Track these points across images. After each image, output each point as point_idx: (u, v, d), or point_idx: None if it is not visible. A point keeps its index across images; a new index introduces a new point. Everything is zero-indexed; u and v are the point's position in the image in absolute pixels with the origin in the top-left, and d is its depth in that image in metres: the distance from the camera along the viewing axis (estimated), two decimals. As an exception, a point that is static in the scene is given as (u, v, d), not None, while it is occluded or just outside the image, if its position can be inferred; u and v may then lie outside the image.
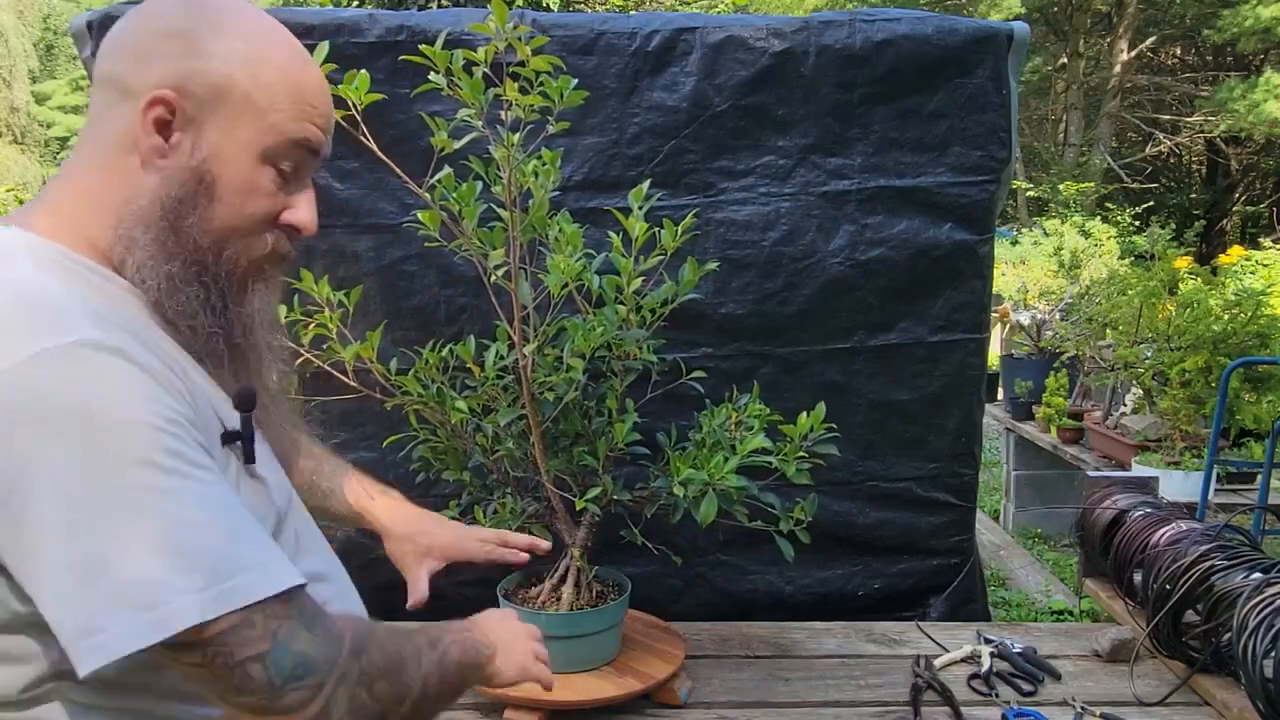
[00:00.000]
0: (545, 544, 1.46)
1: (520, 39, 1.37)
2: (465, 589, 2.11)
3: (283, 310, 1.46)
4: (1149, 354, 3.64)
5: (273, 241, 0.88)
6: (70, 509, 0.66)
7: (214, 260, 0.83)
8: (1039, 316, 5.11)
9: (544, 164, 1.53)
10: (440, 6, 6.40)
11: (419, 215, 1.55)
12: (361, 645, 0.79)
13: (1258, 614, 1.43)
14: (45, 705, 0.74)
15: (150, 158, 0.81)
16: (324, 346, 1.61)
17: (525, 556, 1.45)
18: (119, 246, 0.81)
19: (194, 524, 0.70)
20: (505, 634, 1.04)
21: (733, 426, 1.64)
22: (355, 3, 6.97)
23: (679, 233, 1.63)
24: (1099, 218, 8.99)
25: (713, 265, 1.78)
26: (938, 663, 1.74)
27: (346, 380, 1.61)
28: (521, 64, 1.40)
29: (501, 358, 1.68)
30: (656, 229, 1.64)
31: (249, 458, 0.84)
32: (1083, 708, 1.58)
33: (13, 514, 0.67)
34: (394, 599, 1.33)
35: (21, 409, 0.66)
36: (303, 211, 0.89)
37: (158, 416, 0.71)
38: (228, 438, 0.82)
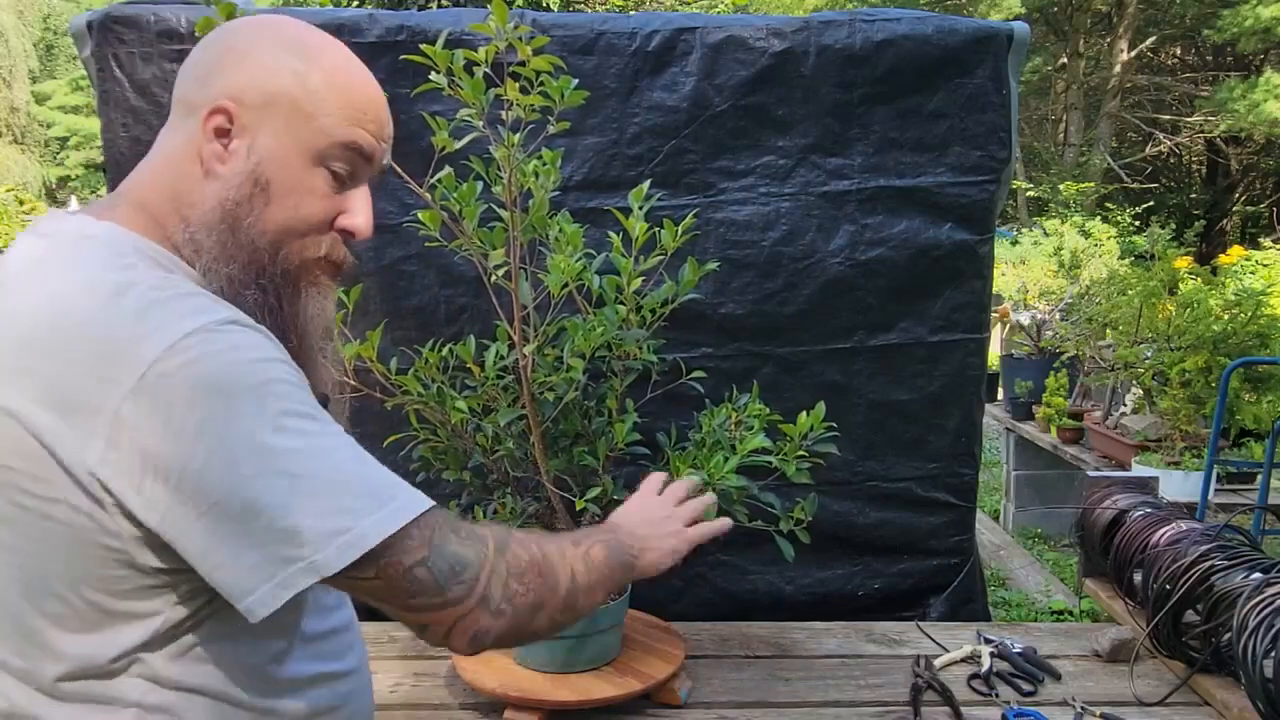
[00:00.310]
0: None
1: (521, 39, 1.37)
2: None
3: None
4: (1149, 354, 3.64)
5: (327, 245, 0.91)
6: (254, 458, 0.74)
7: (270, 260, 0.87)
8: (1039, 316, 5.11)
9: (544, 164, 1.53)
10: (440, 6, 6.40)
11: (419, 215, 1.55)
12: (505, 544, 0.88)
13: (1258, 614, 1.43)
14: (125, 678, 0.79)
15: (211, 164, 0.86)
16: (324, 346, 1.61)
17: None
18: (187, 249, 0.86)
19: (351, 459, 0.80)
20: (646, 527, 1.11)
21: (733, 426, 1.64)
22: (355, 3, 6.97)
23: (679, 233, 1.63)
24: (1099, 218, 9.00)
25: (713, 265, 1.78)
26: (938, 663, 1.74)
27: (347, 379, 1.61)
28: (522, 64, 1.40)
29: (501, 358, 1.67)
30: (656, 229, 1.64)
31: None
32: (1083, 708, 1.58)
33: (195, 471, 0.72)
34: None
35: (194, 378, 0.73)
36: (358, 215, 0.92)
37: (297, 377, 0.80)
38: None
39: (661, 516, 1.17)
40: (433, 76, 1.41)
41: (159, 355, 0.72)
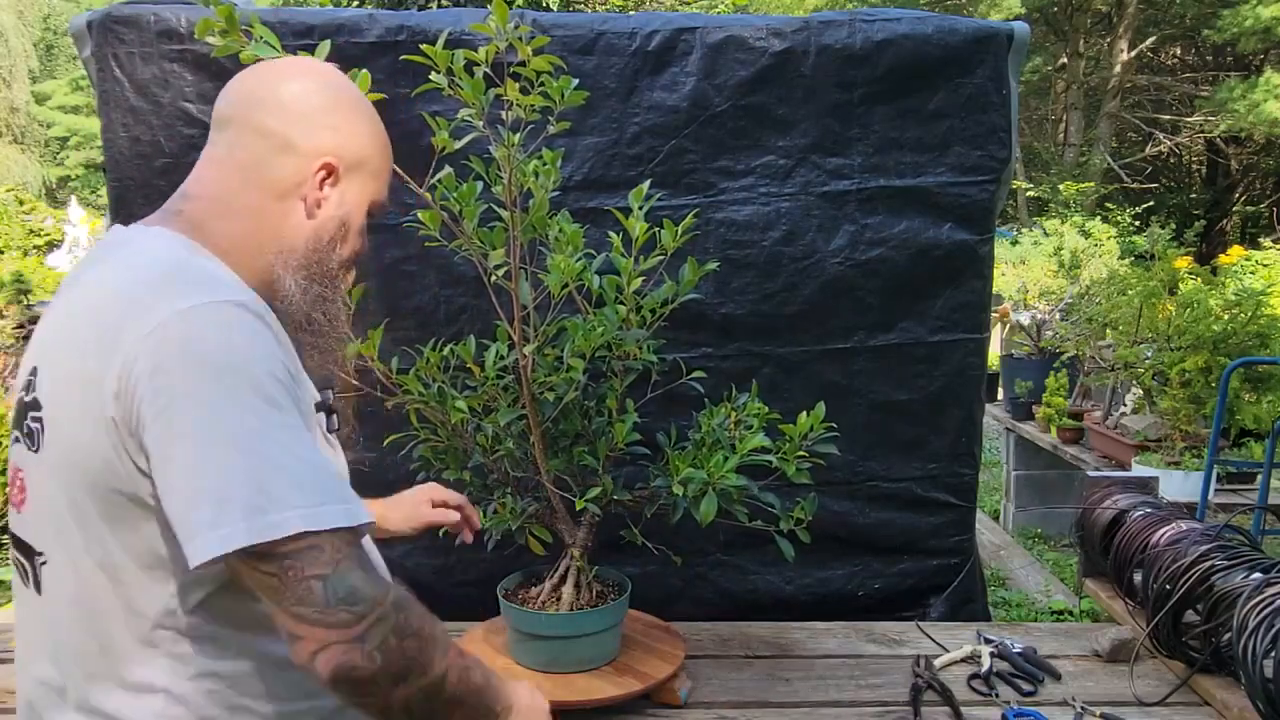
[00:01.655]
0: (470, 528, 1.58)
1: (521, 39, 1.37)
2: (466, 589, 2.11)
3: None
4: (1149, 354, 3.64)
5: (353, 273, 1.16)
6: (209, 429, 0.83)
7: (336, 281, 1.08)
8: (1039, 316, 5.11)
9: (544, 164, 1.53)
10: (440, 6, 6.40)
11: (419, 215, 1.55)
12: (403, 602, 0.89)
13: (1258, 614, 1.43)
14: (186, 616, 0.90)
15: (312, 206, 1.05)
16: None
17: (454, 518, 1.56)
18: (277, 268, 1.02)
19: (297, 455, 0.86)
20: (526, 702, 1.05)
21: (732, 426, 1.64)
22: (355, 3, 6.97)
23: (679, 233, 1.63)
24: (1099, 218, 9.00)
25: (713, 265, 1.77)
26: (938, 663, 1.74)
27: (347, 378, 1.61)
28: (522, 64, 1.40)
29: (501, 358, 1.67)
30: (656, 229, 1.64)
31: (331, 427, 1.08)
32: (1083, 708, 1.58)
33: (161, 429, 0.83)
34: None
35: (180, 347, 0.84)
36: (363, 241, 1.16)
37: (280, 369, 0.89)
38: (318, 406, 1.04)
39: (542, 711, 1.09)
40: (433, 76, 1.41)
41: (166, 318, 0.84)
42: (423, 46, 1.39)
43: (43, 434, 0.88)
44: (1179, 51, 18.68)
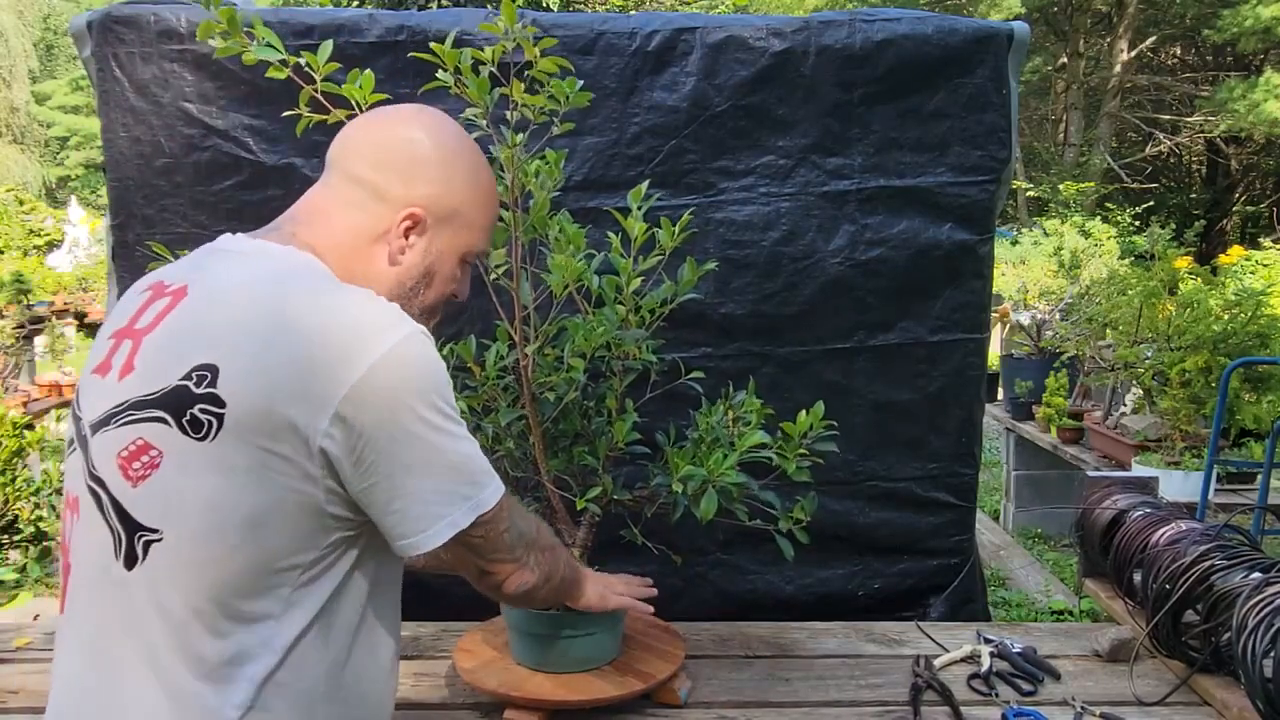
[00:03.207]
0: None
1: (529, 39, 1.37)
2: (466, 589, 2.11)
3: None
4: (1149, 354, 3.64)
5: (441, 310, 1.23)
6: (431, 447, 0.99)
7: (423, 324, 1.11)
8: (1039, 316, 5.11)
9: (546, 164, 1.53)
10: (440, 6, 6.40)
11: (419, 215, 1.55)
12: (540, 525, 1.23)
13: (1257, 614, 1.43)
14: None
15: (395, 254, 1.10)
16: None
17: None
18: None
19: (475, 449, 1.05)
20: (599, 577, 1.50)
21: (730, 423, 1.64)
22: (355, 3, 6.97)
23: (677, 232, 1.63)
24: (1099, 218, 9.00)
25: (712, 265, 1.77)
26: (938, 663, 1.74)
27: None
28: (529, 65, 1.40)
29: (502, 357, 1.68)
30: (656, 229, 1.64)
31: None
32: (1083, 708, 1.58)
33: (385, 440, 0.96)
34: (407, 599, 1.32)
35: (401, 381, 0.96)
36: (464, 287, 1.24)
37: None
38: None
39: (613, 580, 1.55)
40: (440, 75, 1.41)
41: (381, 355, 0.95)
42: (432, 45, 1.39)
43: (218, 429, 0.92)
44: (1179, 51, 18.69)
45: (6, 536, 2.82)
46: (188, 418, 0.93)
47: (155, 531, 0.94)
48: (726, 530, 1.90)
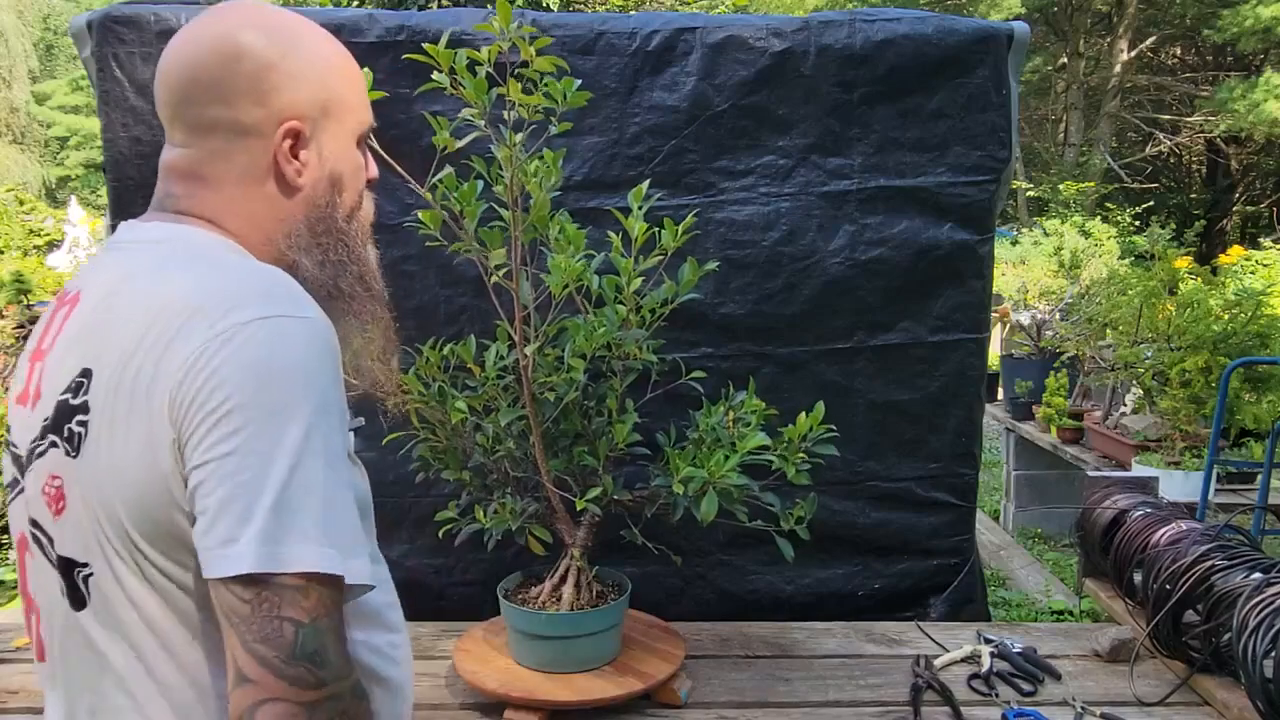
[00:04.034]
0: None
1: (524, 39, 1.37)
2: (466, 589, 2.12)
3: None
4: (1149, 354, 3.64)
5: (369, 203, 1.06)
6: (253, 443, 0.77)
7: (354, 237, 1.00)
8: (1039, 316, 5.11)
9: (545, 164, 1.53)
10: (440, 6, 6.40)
11: (420, 215, 1.55)
12: (360, 693, 0.82)
13: (1258, 614, 1.43)
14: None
15: (294, 180, 0.95)
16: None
17: None
18: (290, 255, 0.96)
19: (325, 490, 0.79)
20: None
21: (730, 423, 1.64)
22: (355, 3, 6.97)
23: (679, 233, 1.63)
24: (1099, 218, 9.00)
25: (713, 265, 1.78)
26: (938, 663, 1.74)
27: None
28: (525, 64, 1.40)
29: (502, 358, 1.68)
30: (656, 229, 1.64)
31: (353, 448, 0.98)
32: (1083, 708, 1.58)
33: (209, 440, 0.77)
34: (406, 599, 1.32)
35: (240, 361, 0.78)
36: (372, 166, 1.05)
37: (337, 393, 0.85)
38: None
39: None
40: (435, 76, 1.41)
41: (228, 329, 0.79)
42: (426, 46, 1.39)
43: (82, 441, 0.82)
44: (1179, 51, 18.68)
45: (7, 536, 2.81)
46: (65, 434, 0.83)
47: (85, 565, 0.85)
48: (726, 531, 1.90)
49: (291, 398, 0.79)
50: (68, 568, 0.86)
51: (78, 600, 0.86)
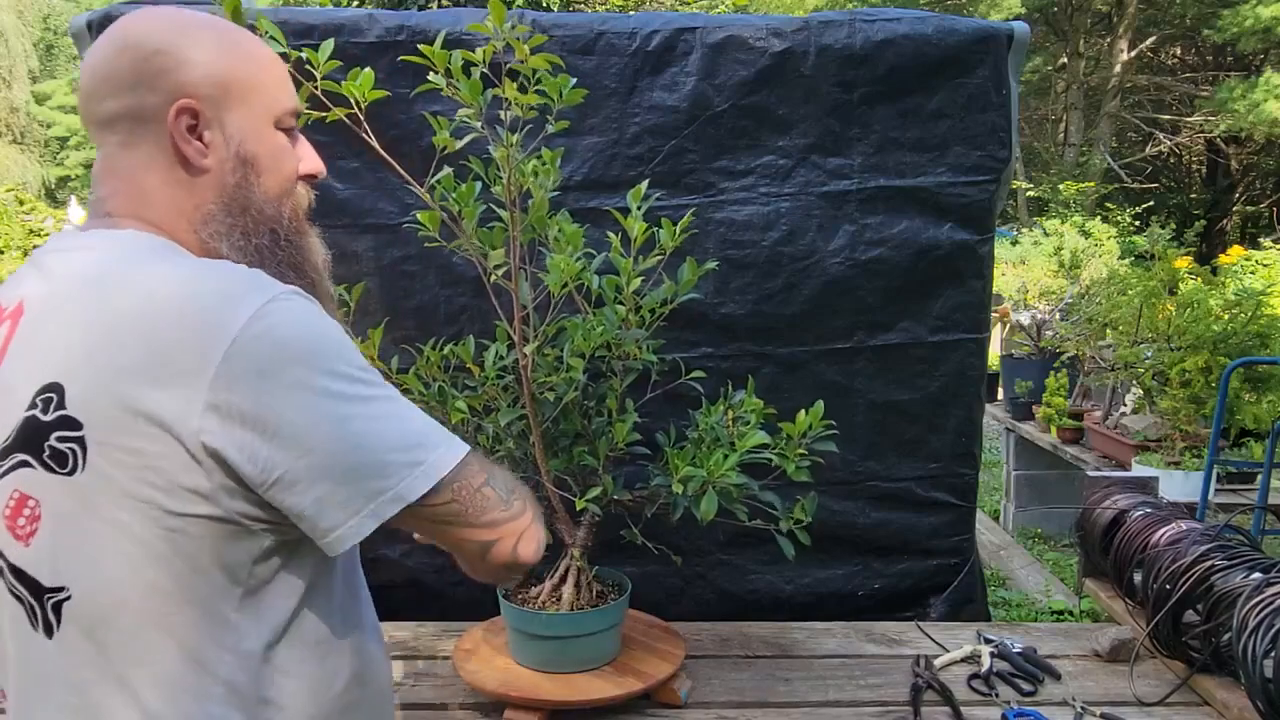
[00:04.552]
0: None
1: (518, 39, 1.37)
2: (466, 588, 2.11)
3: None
4: (1149, 354, 3.64)
5: (305, 193, 1.02)
6: (338, 409, 0.83)
7: (279, 222, 0.97)
8: (1039, 316, 5.11)
9: (544, 164, 1.53)
10: (440, 6, 6.40)
11: (419, 215, 1.55)
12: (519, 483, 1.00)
13: (1258, 614, 1.43)
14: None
15: (197, 160, 0.91)
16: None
17: None
18: (211, 244, 0.93)
19: (409, 407, 0.89)
20: None
21: (729, 423, 1.64)
22: (355, 3, 6.97)
23: (677, 232, 1.63)
24: (1099, 218, 9.00)
25: (712, 265, 1.78)
26: (938, 663, 1.74)
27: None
28: (520, 63, 1.40)
29: (501, 358, 1.68)
30: (656, 229, 1.64)
31: None
32: (1083, 708, 1.58)
33: (275, 423, 0.80)
34: (395, 598, 1.33)
35: (276, 342, 0.81)
36: (310, 159, 1.02)
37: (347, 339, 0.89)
38: None
39: None
40: (431, 77, 1.41)
41: (244, 324, 0.80)
42: (421, 47, 1.39)
43: (83, 456, 0.79)
44: (1179, 51, 18.68)
45: None
46: (47, 452, 0.80)
47: (61, 590, 0.82)
48: (727, 530, 1.90)
49: (334, 353, 0.84)
50: (39, 594, 0.82)
51: (48, 627, 0.83)
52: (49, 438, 0.80)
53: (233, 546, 0.83)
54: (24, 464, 0.82)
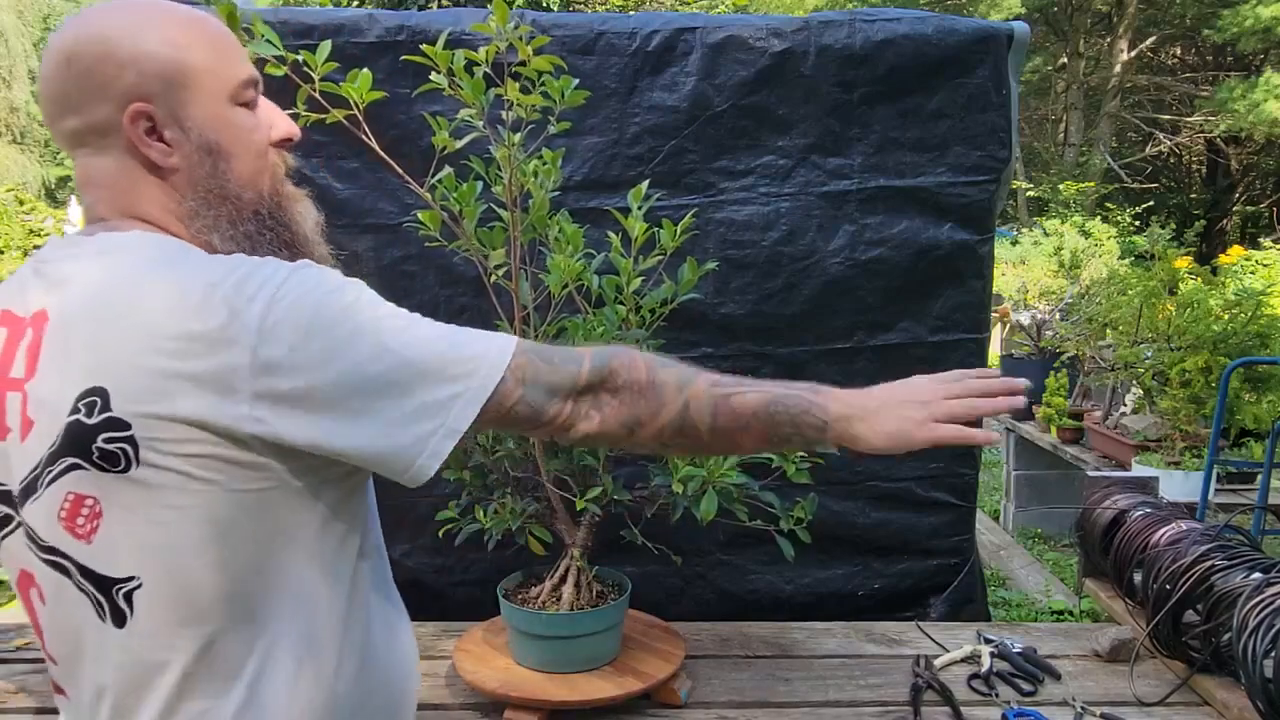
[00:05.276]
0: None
1: (521, 39, 1.37)
2: (466, 588, 2.12)
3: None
4: (1149, 354, 3.64)
5: (274, 160, 0.99)
6: (376, 361, 0.85)
7: (261, 204, 0.96)
8: (1039, 316, 5.11)
9: (545, 164, 1.53)
10: (440, 6, 6.40)
11: (419, 215, 1.55)
12: (603, 366, 0.97)
13: (1258, 614, 1.43)
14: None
15: (163, 162, 0.90)
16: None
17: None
18: (202, 238, 0.93)
19: (439, 333, 0.92)
20: (880, 399, 1.03)
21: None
22: (355, 3, 6.97)
23: (678, 232, 1.63)
24: (1099, 218, 9.00)
25: (712, 265, 1.78)
26: (938, 663, 1.74)
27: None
28: (523, 64, 1.40)
29: (501, 358, 1.67)
30: (656, 229, 1.64)
31: None
32: (1083, 708, 1.58)
33: (333, 386, 0.83)
34: (407, 598, 1.32)
35: (302, 316, 0.82)
36: (280, 124, 1.00)
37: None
38: None
39: (915, 398, 1.03)
40: (434, 77, 1.41)
41: (266, 309, 0.81)
42: (423, 46, 1.39)
43: (135, 453, 0.81)
44: (1179, 51, 18.69)
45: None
46: (96, 454, 0.82)
47: (131, 579, 0.84)
48: (726, 530, 1.90)
49: (351, 293, 0.88)
50: (107, 586, 0.85)
51: (119, 617, 0.86)
52: (96, 440, 0.81)
53: (298, 511, 0.87)
54: (75, 466, 0.83)
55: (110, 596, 0.85)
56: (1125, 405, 3.96)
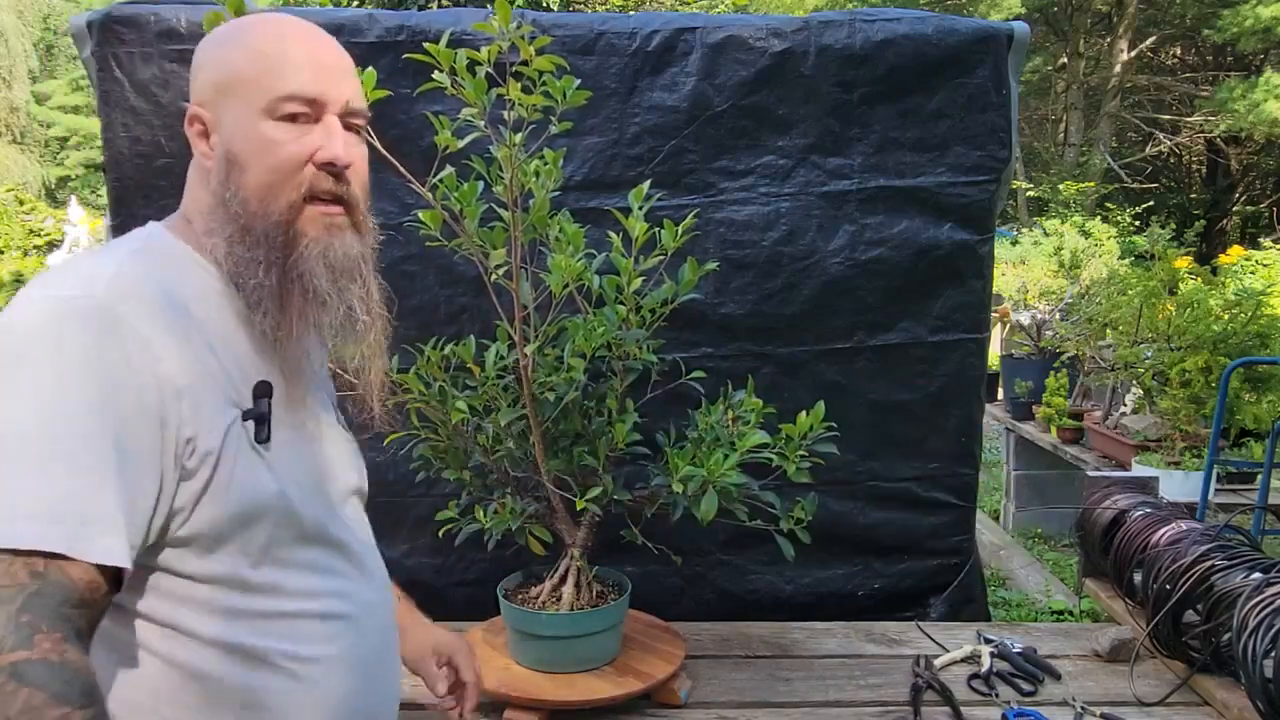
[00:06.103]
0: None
1: (524, 38, 1.37)
2: (466, 589, 2.12)
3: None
4: (1149, 354, 3.64)
5: (307, 181, 0.96)
6: None
7: (260, 220, 0.95)
8: (1039, 316, 5.10)
9: (546, 164, 1.53)
10: (440, 6, 6.40)
11: (420, 215, 1.55)
12: (25, 677, 0.72)
13: (1258, 614, 1.43)
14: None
15: (203, 163, 0.97)
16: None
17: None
18: (207, 240, 0.97)
19: (29, 465, 0.78)
20: None
21: (730, 422, 1.64)
22: (355, 3, 6.97)
23: (679, 233, 1.63)
24: (1099, 218, 8.99)
25: (713, 265, 1.78)
26: (938, 663, 1.74)
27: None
28: (525, 64, 1.40)
29: (502, 358, 1.68)
30: (656, 229, 1.64)
31: (259, 437, 0.94)
32: (1083, 708, 1.58)
33: None
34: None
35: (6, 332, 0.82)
36: (331, 146, 0.96)
37: (107, 385, 0.82)
38: (245, 415, 0.93)
39: None
40: (436, 76, 1.41)
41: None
42: (427, 45, 1.39)
43: None
44: (1179, 51, 18.68)
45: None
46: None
47: None
48: (726, 530, 1.89)
49: (19, 359, 0.80)
50: None
51: None
52: None
53: None
54: None
55: None
56: (1125, 405, 3.96)
